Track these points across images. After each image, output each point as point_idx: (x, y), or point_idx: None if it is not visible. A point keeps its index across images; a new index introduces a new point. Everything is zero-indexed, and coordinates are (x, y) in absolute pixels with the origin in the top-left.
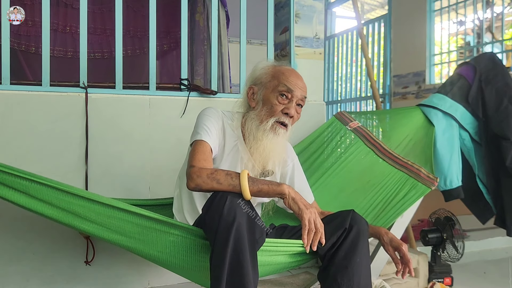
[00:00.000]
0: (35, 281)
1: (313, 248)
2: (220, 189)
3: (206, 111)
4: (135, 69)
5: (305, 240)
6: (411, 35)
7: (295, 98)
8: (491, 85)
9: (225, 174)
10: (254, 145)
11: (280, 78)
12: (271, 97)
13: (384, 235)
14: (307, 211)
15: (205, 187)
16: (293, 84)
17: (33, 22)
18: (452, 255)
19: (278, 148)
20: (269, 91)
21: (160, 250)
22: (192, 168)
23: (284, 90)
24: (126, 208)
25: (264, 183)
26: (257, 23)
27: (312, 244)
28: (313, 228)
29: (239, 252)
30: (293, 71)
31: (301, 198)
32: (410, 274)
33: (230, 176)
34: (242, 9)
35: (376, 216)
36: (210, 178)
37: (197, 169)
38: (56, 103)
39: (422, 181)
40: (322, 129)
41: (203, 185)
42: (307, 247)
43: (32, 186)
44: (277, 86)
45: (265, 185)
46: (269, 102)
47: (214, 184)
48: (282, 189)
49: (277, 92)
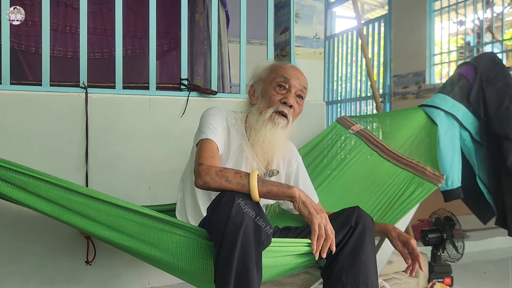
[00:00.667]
0: (35, 281)
1: (322, 255)
2: (229, 187)
3: (210, 110)
4: (135, 69)
5: (314, 246)
6: (411, 35)
7: (293, 88)
8: (492, 85)
9: (234, 172)
10: (254, 138)
11: (277, 71)
12: (269, 89)
13: (392, 230)
14: (318, 216)
15: (213, 185)
16: (290, 74)
17: (33, 22)
18: (452, 255)
19: (278, 140)
20: (267, 84)
21: (162, 251)
22: (201, 166)
23: (281, 80)
24: (127, 206)
25: (274, 185)
26: (257, 23)
27: (321, 251)
28: (323, 235)
29: (246, 255)
30: (291, 65)
31: (312, 202)
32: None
33: (239, 175)
34: (242, 9)
35: (383, 215)
36: (219, 175)
37: (206, 167)
38: (56, 103)
39: (428, 179)
40: (324, 134)
41: (211, 183)
42: (316, 253)
43: (31, 181)
44: (275, 78)
45: (275, 186)
46: (267, 94)
47: (223, 182)
48: (292, 192)
49: (274, 83)
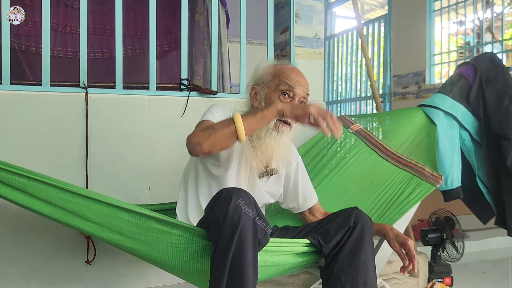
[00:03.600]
0: (35, 281)
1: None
2: (219, 135)
3: (214, 105)
4: (135, 69)
5: (322, 125)
6: (411, 35)
7: (297, 96)
8: (492, 85)
9: (218, 122)
10: (257, 143)
11: (281, 77)
12: (273, 96)
13: (389, 231)
14: (311, 106)
15: (205, 142)
16: (294, 81)
17: (33, 22)
18: (452, 255)
19: (282, 146)
20: (271, 90)
21: (161, 251)
22: (189, 136)
23: (286, 88)
24: (126, 207)
25: (253, 113)
26: (257, 23)
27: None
28: (324, 114)
29: (241, 254)
30: (294, 68)
31: (299, 104)
32: (413, 271)
33: (222, 122)
34: (242, 9)
35: (381, 215)
36: (204, 131)
37: (192, 133)
38: (56, 103)
39: (427, 180)
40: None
41: (201, 141)
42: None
43: (31, 184)
44: (279, 85)
45: (255, 115)
46: (271, 102)
47: (210, 132)
48: (275, 107)
49: (278, 91)
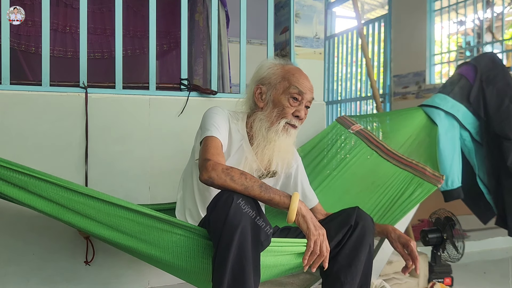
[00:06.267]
0: (35, 281)
1: (312, 270)
2: (232, 187)
3: (213, 109)
4: (135, 69)
5: (305, 260)
6: (411, 35)
7: (305, 100)
8: (492, 85)
9: (240, 173)
10: (263, 145)
11: (291, 80)
12: (282, 99)
13: (392, 232)
14: (316, 232)
15: (217, 182)
16: (303, 86)
17: (33, 22)
18: (452, 255)
19: (290, 148)
20: (279, 92)
21: (162, 250)
22: (208, 161)
23: (296, 92)
24: (127, 205)
25: (277, 193)
26: (257, 23)
27: (312, 266)
28: (317, 251)
29: (242, 256)
30: (302, 72)
31: (312, 217)
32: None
33: (244, 176)
34: (242, 9)
35: (382, 216)
36: (225, 173)
37: (213, 163)
38: (56, 103)
39: (428, 180)
40: (324, 133)
41: (216, 179)
42: (306, 266)
43: (31, 181)
44: (288, 88)
45: (277, 195)
46: (280, 104)
47: (228, 180)
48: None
49: (288, 94)
